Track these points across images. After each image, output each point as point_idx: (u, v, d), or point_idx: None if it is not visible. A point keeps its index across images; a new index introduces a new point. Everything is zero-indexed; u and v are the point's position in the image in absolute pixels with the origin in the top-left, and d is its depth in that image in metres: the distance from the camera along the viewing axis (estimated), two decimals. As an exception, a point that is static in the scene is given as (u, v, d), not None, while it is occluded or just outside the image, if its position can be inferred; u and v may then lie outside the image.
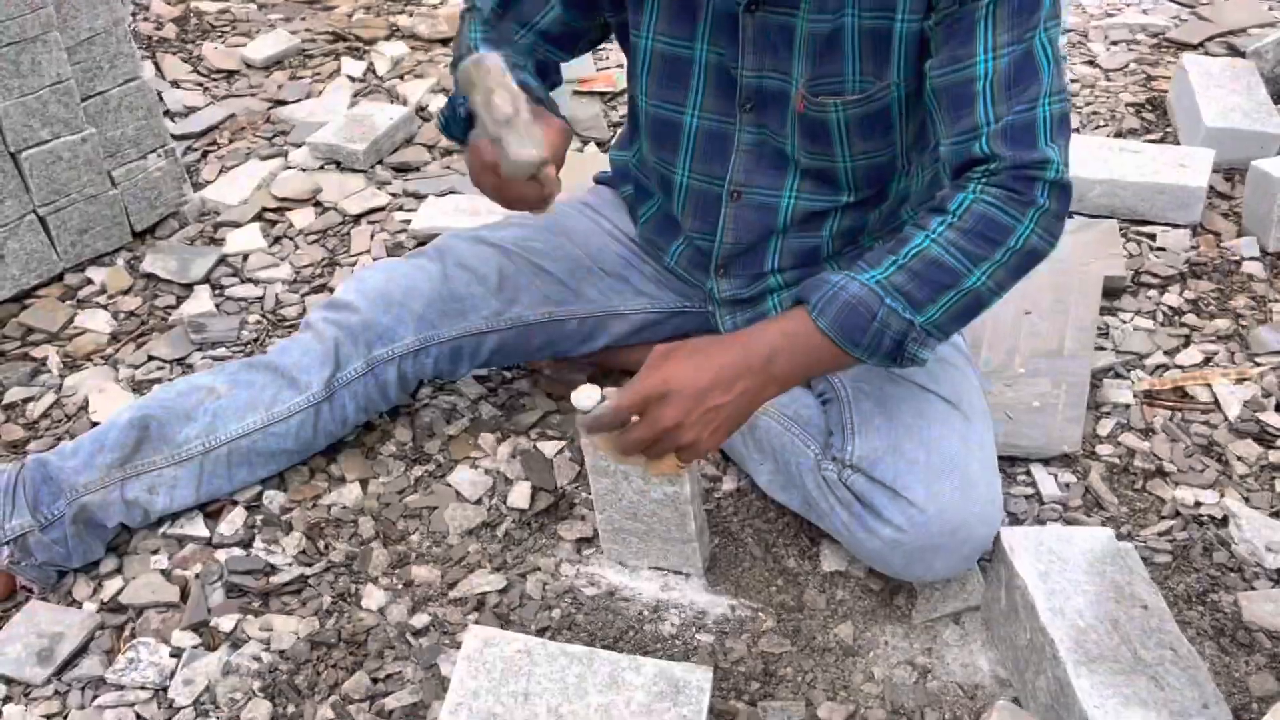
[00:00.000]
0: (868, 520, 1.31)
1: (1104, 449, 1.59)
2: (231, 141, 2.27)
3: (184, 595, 1.38)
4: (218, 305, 1.85)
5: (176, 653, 1.33)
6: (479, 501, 1.53)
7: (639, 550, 1.39)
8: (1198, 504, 1.51)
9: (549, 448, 1.62)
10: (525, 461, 1.58)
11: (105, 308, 1.87)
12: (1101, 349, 1.74)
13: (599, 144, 2.25)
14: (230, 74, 2.49)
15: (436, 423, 1.65)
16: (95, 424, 1.60)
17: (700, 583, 1.39)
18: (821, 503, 1.38)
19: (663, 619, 1.33)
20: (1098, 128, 2.26)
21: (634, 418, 1.14)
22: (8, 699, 1.27)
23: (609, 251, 1.59)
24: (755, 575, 1.41)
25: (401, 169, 2.22)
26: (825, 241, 1.44)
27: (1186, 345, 1.75)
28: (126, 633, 1.34)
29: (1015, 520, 1.48)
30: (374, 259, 2.00)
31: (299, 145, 2.28)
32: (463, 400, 1.70)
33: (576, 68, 2.41)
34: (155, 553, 1.44)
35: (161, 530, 1.45)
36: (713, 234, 1.45)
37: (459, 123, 1.28)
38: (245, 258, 2.00)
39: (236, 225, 2.09)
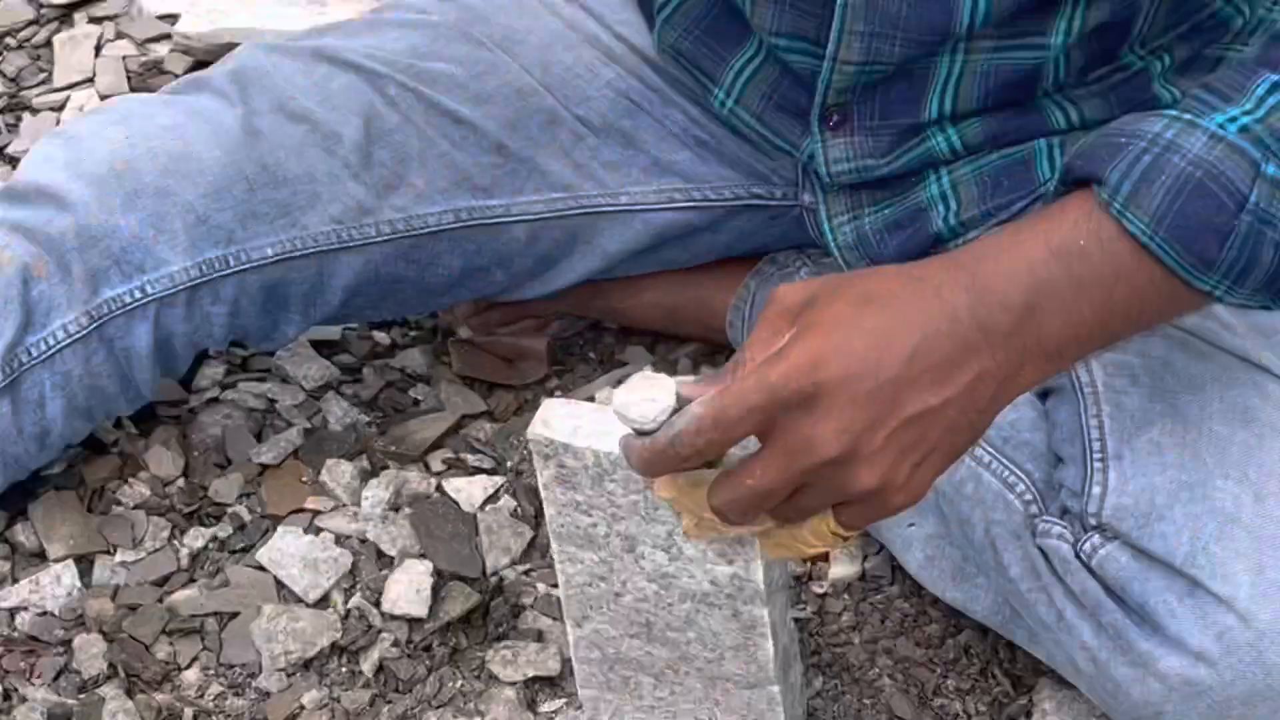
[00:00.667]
0: (1134, 638, 1.17)
1: None
2: None
3: None
4: None
5: None
6: (324, 601, 1.36)
7: (654, 702, 1.22)
8: None
9: (469, 488, 1.45)
10: (419, 519, 1.41)
11: None
12: None
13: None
14: None
15: (235, 438, 1.49)
16: None
17: None
18: (1038, 605, 1.23)
19: None
20: None
21: (749, 440, 1.01)
22: None
23: (597, 82, 1.49)
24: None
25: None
26: (1051, 62, 1.30)
27: None
28: None
29: None
30: (102, 97, 1.95)
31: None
32: (289, 393, 1.54)
33: None
34: None
35: None
36: (817, 39, 1.31)
37: None
38: None
39: None
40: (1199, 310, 1.11)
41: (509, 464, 1.48)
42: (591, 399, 1.40)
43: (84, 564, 1.38)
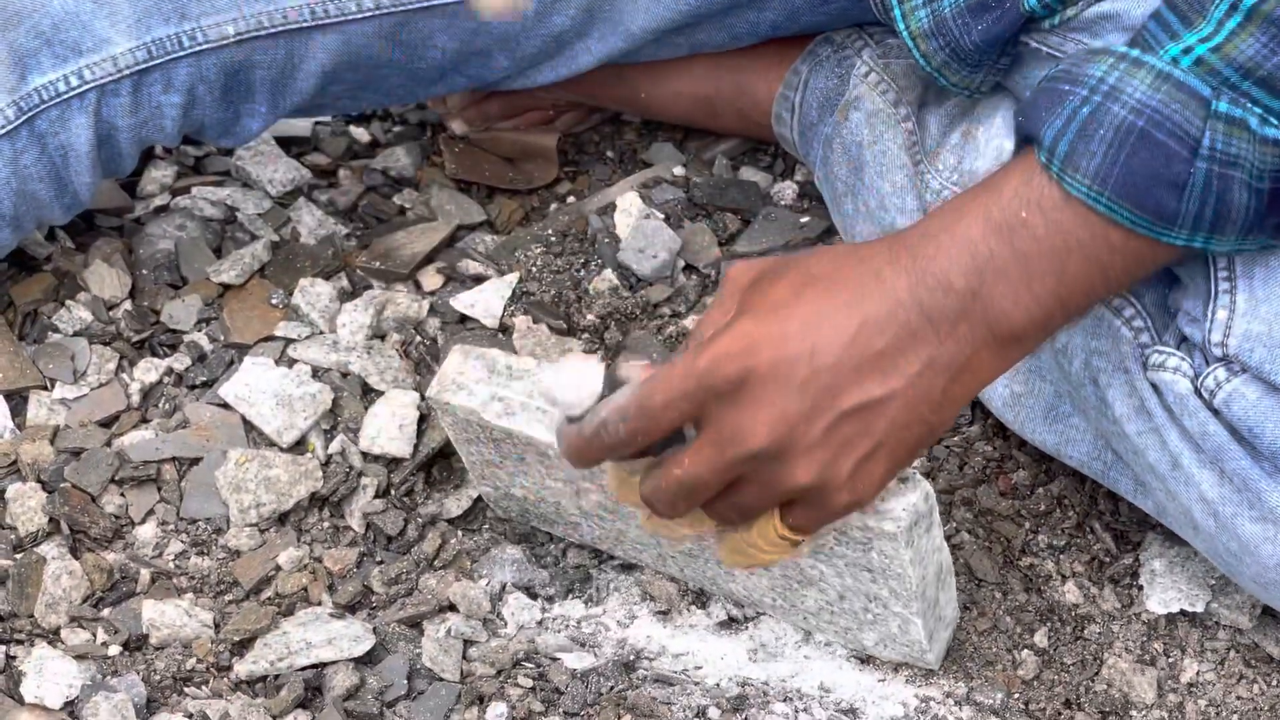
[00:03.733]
0: (1264, 489, 1.17)
1: None
2: None
3: None
4: None
5: None
6: (300, 445, 1.35)
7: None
8: None
9: (483, 299, 1.46)
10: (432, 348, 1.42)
11: None
12: None
13: None
14: None
15: (190, 253, 1.48)
16: None
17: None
18: (1148, 451, 1.23)
19: None
20: None
21: (687, 428, 1.08)
22: None
23: None
24: (981, 624, 1.27)
25: None
26: None
27: None
28: None
29: None
30: None
31: None
32: (253, 200, 1.55)
33: None
34: None
35: None
36: None
37: None
38: None
39: None
40: (1170, 263, 1.14)
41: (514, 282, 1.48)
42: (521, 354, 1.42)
43: (16, 401, 1.37)
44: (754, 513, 1.10)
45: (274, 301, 1.43)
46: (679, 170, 1.55)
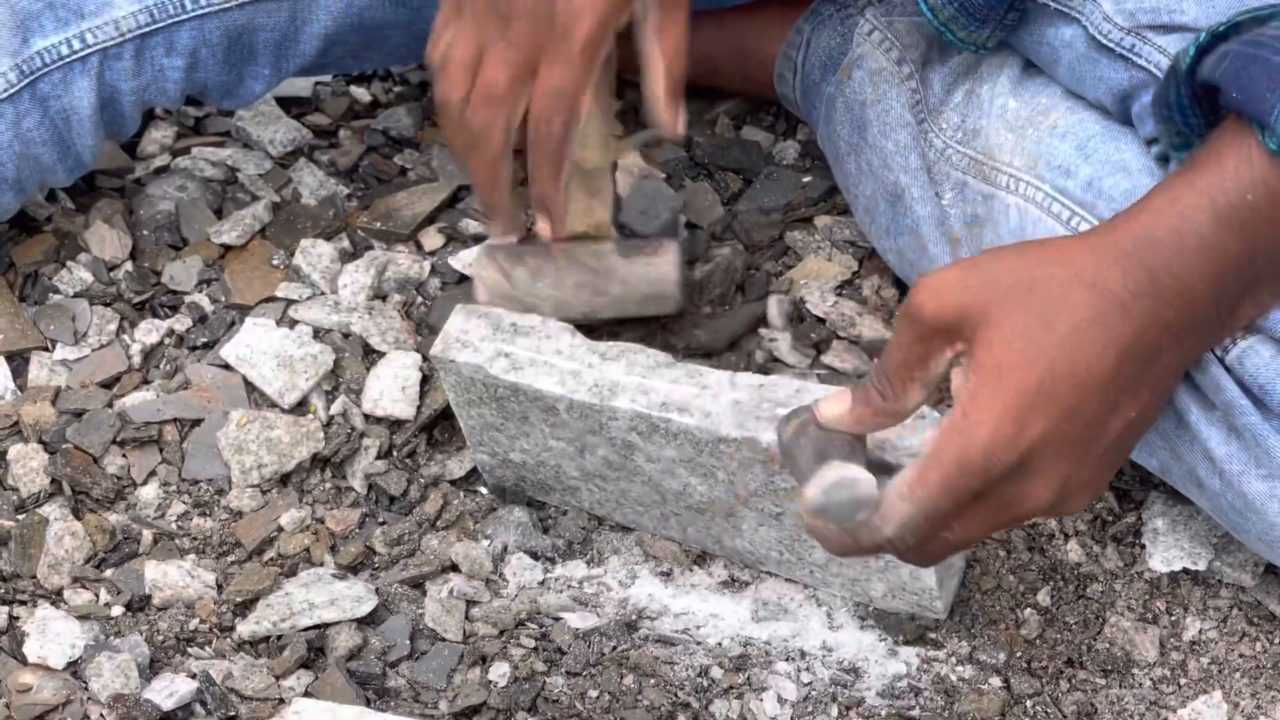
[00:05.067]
0: (1274, 446, 1.17)
1: None
2: None
3: None
4: None
5: None
6: (302, 406, 1.34)
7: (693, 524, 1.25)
8: None
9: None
10: (443, 313, 1.43)
11: None
12: None
13: None
14: None
15: (191, 214, 1.48)
16: None
17: (849, 601, 1.25)
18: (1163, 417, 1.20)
19: (758, 688, 1.19)
20: None
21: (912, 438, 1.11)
22: None
23: None
24: (984, 583, 1.26)
25: None
26: None
27: None
28: None
29: None
30: None
31: None
32: (253, 160, 1.54)
33: None
34: None
35: None
36: None
37: None
38: None
39: None
40: None
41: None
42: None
43: (17, 362, 1.36)
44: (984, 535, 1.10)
45: (275, 262, 1.42)
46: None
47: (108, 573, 1.20)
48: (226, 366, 1.34)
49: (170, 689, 1.12)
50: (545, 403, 1.14)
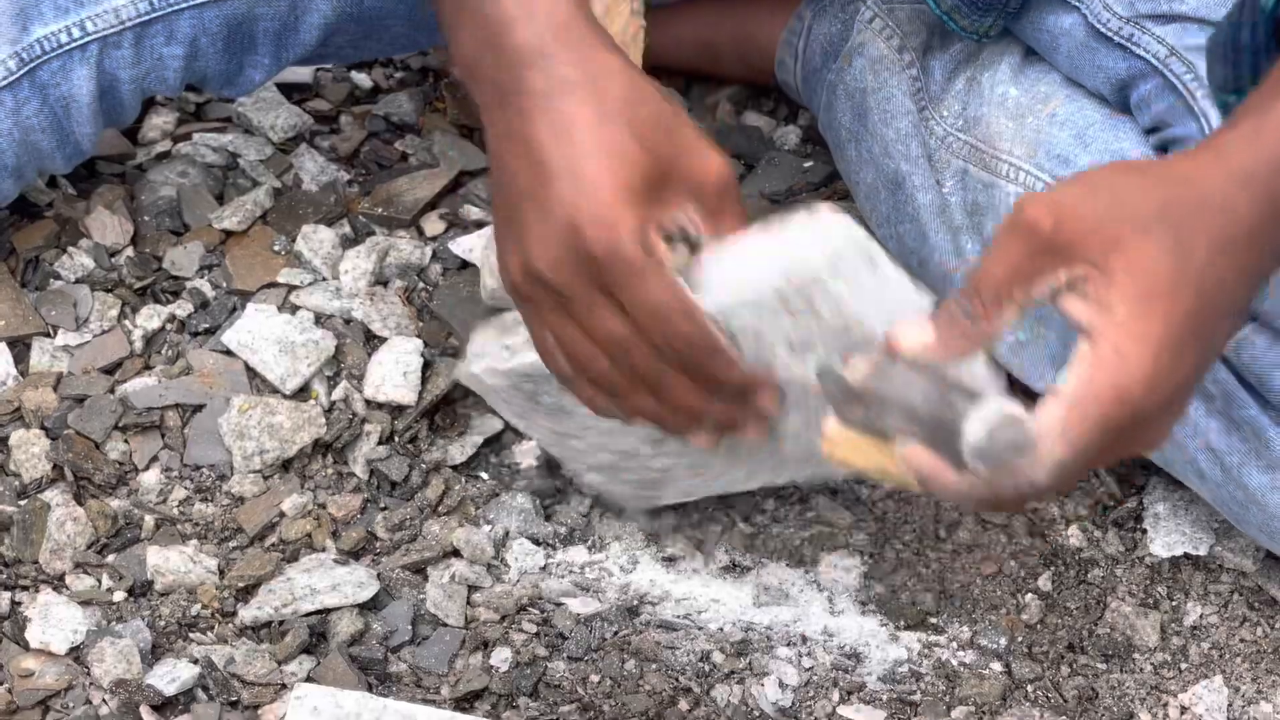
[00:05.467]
0: (1273, 438, 1.20)
1: None
2: None
3: None
4: None
5: None
6: (304, 392, 1.34)
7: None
8: None
9: (481, 243, 1.44)
10: (442, 302, 1.42)
11: None
12: None
13: None
14: None
15: (192, 199, 1.48)
16: None
17: (851, 587, 1.25)
18: None
19: (760, 673, 1.19)
20: None
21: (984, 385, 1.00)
22: None
23: None
24: (985, 568, 1.27)
25: None
26: None
27: None
28: None
29: None
30: None
31: None
32: (254, 146, 1.54)
33: None
34: None
35: None
36: None
37: None
38: None
39: None
40: None
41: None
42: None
43: (19, 348, 1.36)
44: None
45: (276, 248, 1.42)
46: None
47: (110, 558, 1.20)
48: (228, 352, 1.34)
49: (172, 674, 1.12)
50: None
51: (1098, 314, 0.95)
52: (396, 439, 1.29)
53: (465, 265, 1.40)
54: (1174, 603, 1.22)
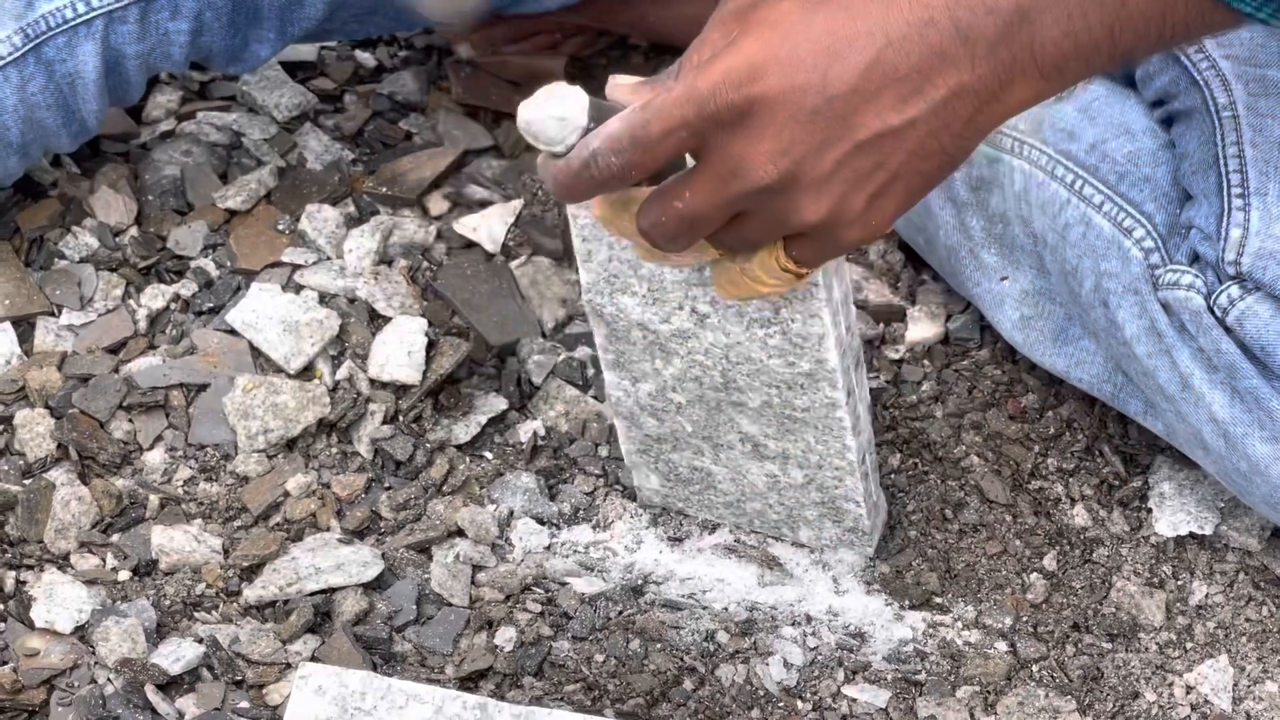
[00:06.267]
0: (1277, 408, 1.18)
1: None
2: None
3: None
4: None
5: None
6: (308, 371, 1.35)
7: (707, 496, 1.26)
8: None
9: (486, 223, 1.46)
10: (445, 280, 1.42)
11: None
12: None
13: None
14: None
15: (196, 178, 1.48)
16: None
17: (855, 566, 1.25)
18: (1159, 371, 1.23)
19: (764, 652, 1.20)
20: None
21: (685, 158, 1.03)
22: None
23: None
24: (990, 548, 1.26)
25: None
26: None
27: None
28: None
29: None
30: None
31: None
32: (259, 125, 1.55)
33: None
34: None
35: None
36: None
37: None
38: None
39: None
40: (1228, 31, 1.07)
41: (533, 196, 1.48)
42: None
43: (23, 327, 1.36)
44: (757, 246, 1.05)
45: (280, 227, 1.42)
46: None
47: (114, 537, 1.20)
48: (232, 332, 1.34)
49: (177, 653, 1.12)
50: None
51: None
52: (401, 418, 1.29)
53: (470, 244, 1.40)
54: (1179, 582, 1.22)
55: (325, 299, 1.36)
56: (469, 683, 1.12)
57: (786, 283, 1.05)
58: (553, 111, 1.00)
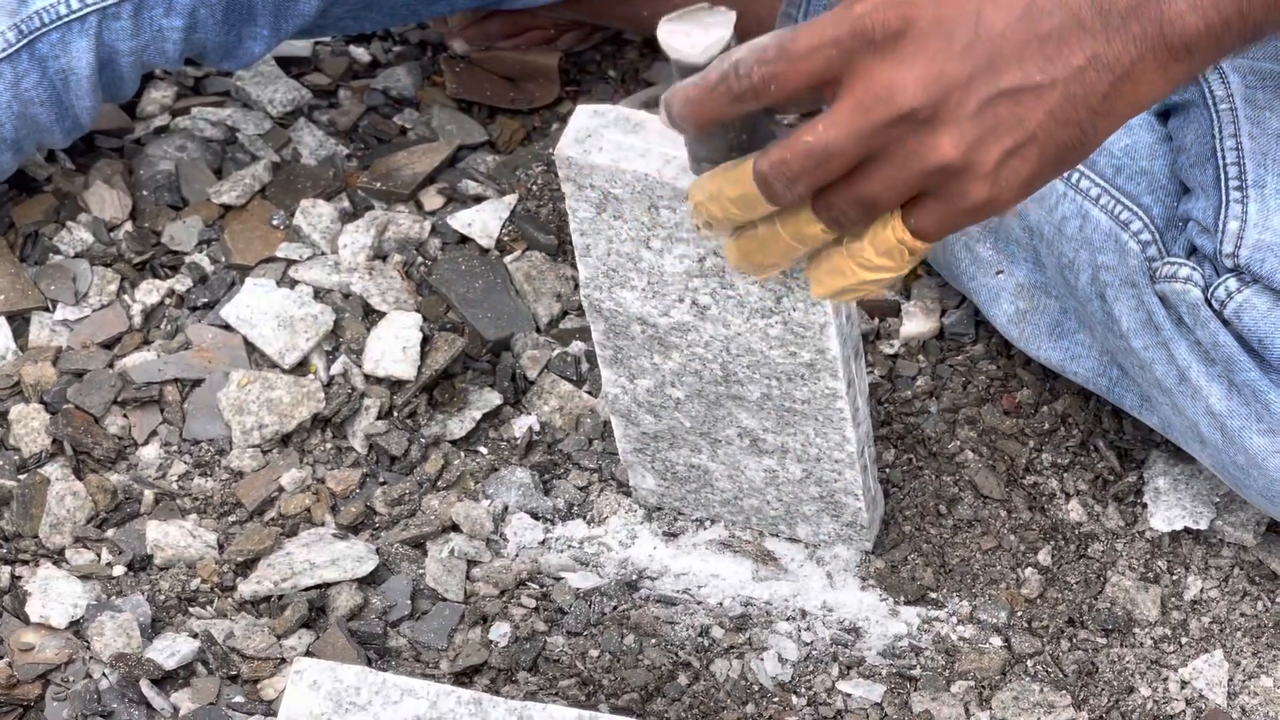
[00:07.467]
0: (1273, 400, 1.18)
1: None
2: None
3: None
4: None
5: None
6: (303, 366, 1.35)
7: (705, 495, 1.26)
8: None
9: (480, 218, 1.46)
10: (439, 274, 1.42)
11: None
12: None
13: None
14: None
15: (190, 174, 1.48)
16: None
17: (850, 562, 1.25)
18: (1155, 365, 1.23)
19: (759, 647, 1.20)
20: None
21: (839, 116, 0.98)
22: None
23: None
24: (985, 543, 1.26)
25: None
26: None
27: None
28: None
29: None
30: None
31: None
32: (253, 120, 1.55)
33: None
34: None
35: None
36: None
37: None
38: None
39: None
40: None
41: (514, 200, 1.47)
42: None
43: (18, 322, 1.36)
44: (881, 205, 1.01)
45: (275, 222, 1.41)
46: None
47: (109, 533, 1.20)
48: (227, 327, 1.33)
49: (172, 648, 1.12)
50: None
51: None
52: (395, 413, 1.29)
53: (464, 240, 1.40)
54: (1174, 577, 1.22)
55: (320, 294, 1.36)
56: (464, 678, 1.12)
57: (899, 263, 1.01)
58: (698, 28, 0.98)
